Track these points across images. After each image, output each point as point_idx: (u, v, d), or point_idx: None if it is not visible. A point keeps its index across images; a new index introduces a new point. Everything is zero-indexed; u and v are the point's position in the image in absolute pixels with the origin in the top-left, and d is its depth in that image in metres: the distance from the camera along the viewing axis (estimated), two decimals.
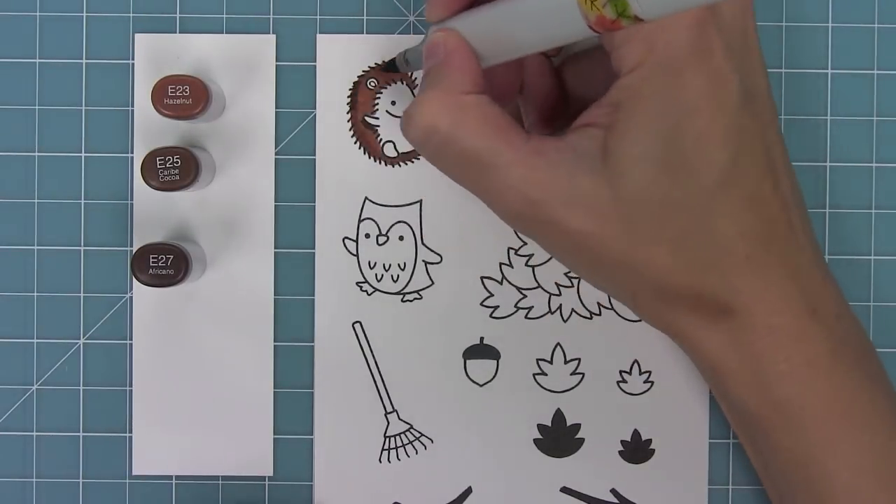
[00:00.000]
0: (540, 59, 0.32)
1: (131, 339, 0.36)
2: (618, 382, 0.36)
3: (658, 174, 0.27)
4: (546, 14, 0.26)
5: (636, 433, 0.36)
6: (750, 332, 0.29)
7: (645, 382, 0.36)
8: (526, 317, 0.36)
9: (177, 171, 0.33)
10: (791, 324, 0.29)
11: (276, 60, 0.36)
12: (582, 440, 0.36)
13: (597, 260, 0.28)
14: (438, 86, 0.28)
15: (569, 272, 0.36)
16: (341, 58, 0.36)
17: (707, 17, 0.27)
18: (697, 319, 0.29)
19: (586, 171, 0.27)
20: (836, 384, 0.29)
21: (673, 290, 0.28)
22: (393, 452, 0.36)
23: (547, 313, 0.36)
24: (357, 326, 0.36)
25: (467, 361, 0.36)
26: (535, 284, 0.36)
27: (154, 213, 0.36)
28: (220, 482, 0.36)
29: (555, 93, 0.32)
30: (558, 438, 0.36)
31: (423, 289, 0.36)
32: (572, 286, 0.36)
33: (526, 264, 0.36)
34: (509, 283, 0.36)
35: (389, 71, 0.34)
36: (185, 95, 0.33)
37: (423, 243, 0.36)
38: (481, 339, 0.36)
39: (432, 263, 0.36)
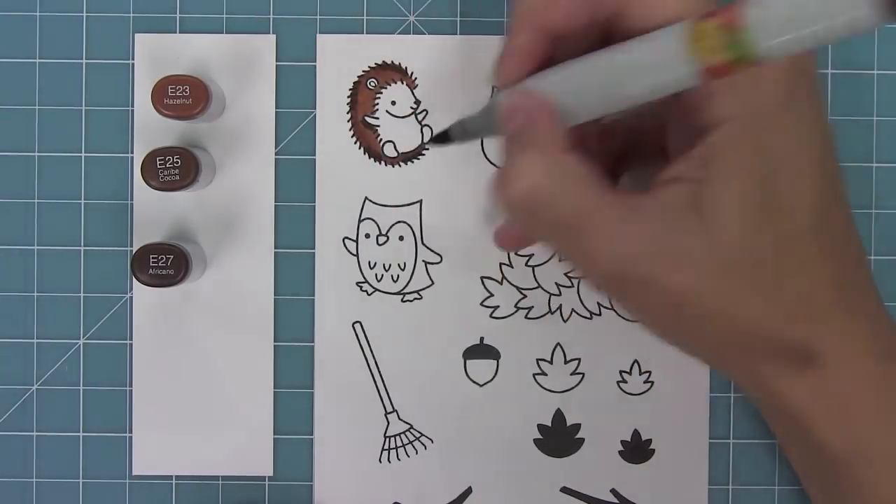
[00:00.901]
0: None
1: (131, 339, 0.36)
2: (618, 382, 0.36)
3: (753, 221, 0.26)
4: (647, 64, 0.26)
5: (636, 433, 0.36)
6: (835, 380, 0.28)
7: (645, 382, 0.36)
8: (526, 317, 0.36)
9: (177, 171, 0.33)
10: (874, 370, 0.29)
11: (276, 60, 0.36)
12: (582, 440, 0.36)
13: (689, 317, 0.28)
14: (533, 147, 0.27)
15: (569, 272, 0.36)
16: (341, 58, 0.36)
17: (793, 63, 0.26)
18: (783, 369, 0.29)
19: (683, 226, 0.27)
20: None
21: (762, 341, 0.28)
22: (393, 452, 0.36)
23: (547, 313, 0.36)
24: (357, 326, 0.36)
25: (467, 361, 0.36)
26: (535, 284, 0.36)
27: (154, 213, 0.36)
28: (220, 482, 0.36)
29: (616, 146, 0.32)
30: (558, 438, 0.36)
31: (423, 289, 0.36)
32: (572, 286, 0.36)
33: (526, 264, 0.36)
34: (509, 283, 0.36)
35: (440, 143, 0.32)
36: (185, 95, 0.33)
37: (423, 243, 0.36)
38: (481, 339, 0.36)
39: (432, 263, 0.36)
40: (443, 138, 0.31)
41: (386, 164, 0.36)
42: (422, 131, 0.36)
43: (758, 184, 0.26)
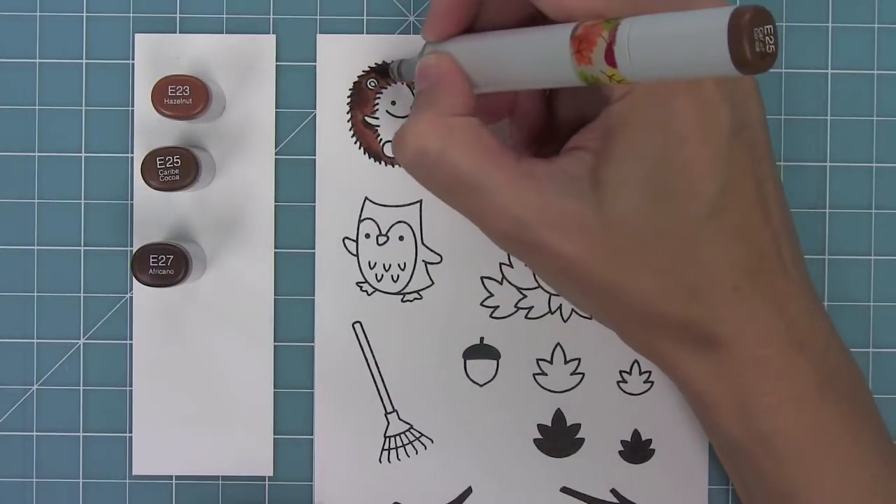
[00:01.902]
0: None
1: (131, 339, 0.36)
2: (618, 382, 0.36)
3: (645, 201, 0.26)
4: (539, 57, 0.26)
5: (636, 433, 0.36)
6: (735, 364, 0.29)
7: (645, 382, 0.36)
8: (526, 317, 0.36)
9: (177, 171, 0.33)
10: (777, 356, 0.29)
11: (276, 60, 0.36)
12: (582, 440, 0.36)
13: (583, 285, 0.28)
14: (430, 108, 0.28)
15: None
16: (341, 58, 0.36)
17: None
18: (683, 349, 0.29)
19: (575, 195, 0.27)
20: (822, 418, 0.29)
21: (658, 318, 0.28)
22: (393, 452, 0.36)
23: (547, 313, 0.36)
24: (357, 326, 0.36)
25: (467, 361, 0.36)
26: (535, 284, 0.36)
27: (154, 213, 0.36)
28: (220, 482, 0.36)
29: (543, 114, 0.32)
30: (558, 438, 0.36)
31: (423, 289, 0.36)
32: None
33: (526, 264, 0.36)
34: (509, 283, 0.36)
35: (380, 73, 0.35)
36: (185, 95, 0.33)
37: (423, 243, 0.36)
38: (481, 339, 0.36)
39: (432, 263, 0.36)
40: (383, 71, 0.35)
41: (386, 164, 0.36)
42: None
43: (652, 165, 0.26)
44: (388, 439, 0.36)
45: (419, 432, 0.36)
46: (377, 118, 0.36)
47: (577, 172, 0.27)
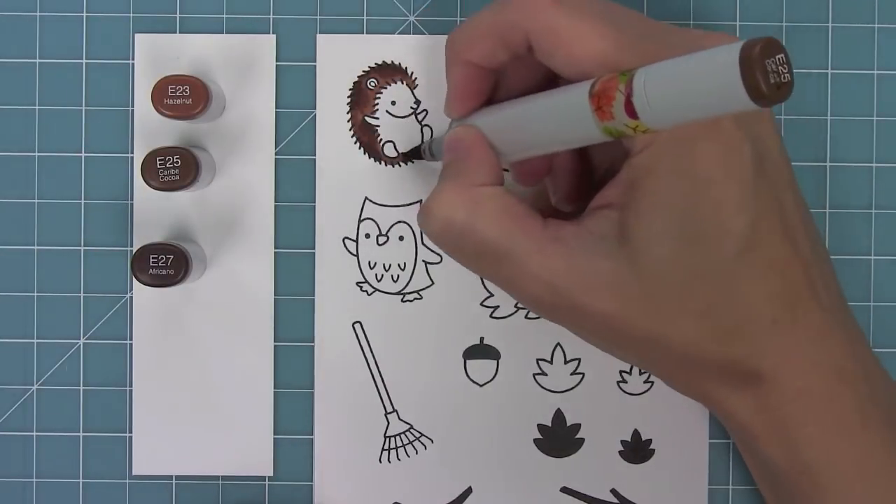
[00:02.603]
0: None
1: (131, 339, 0.36)
2: (618, 382, 0.36)
3: (677, 249, 0.27)
4: (561, 120, 0.26)
5: (636, 433, 0.36)
6: (778, 397, 0.29)
7: (645, 382, 0.36)
8: (526, 317, 0.36)
9: (177, 171, 0.33)
10: (818, 386, 0.29)
11: (276, 60, 0.36)
12: (582, 440, 0.36)
13: (623, 339, 0.28)
14: (455, 179, 0.28)
15: None
16: (341, 58, 0.36)
17: None
18: (726, 387, 0.29)
19: (604, 255, 0.27)
20: (865, 446, 0.29)
21: (700, 361, 0.28)
22: (393, 452, 0.36)
23: None
24: (357, 326, 0.36)
25: (467, 361, 0.36)
26: None
27: (154, 213, 0.36)
28: (220, 482, 0.36)
29: (581, 168, 0.32)
30: (558, 438, 0.36)
31: (423, 289, 0.36)
32: None
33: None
34: None
35: (411, 157, 0.35)
36: (185, 95, 0.33)
37: (423, 243, 0.36)
38: (481, 339, 0.36)
39: (432, 263, 0.36)
40: (413, 154, 0.35)
41: (386, 164, 0.36)
42: (422, 131, 0.36)
43: (679, 213, 0.26)
44: (388, 439, 0.36)
45: (419, 432, 0.36)
46: (377, 118, 0.36)
47: (605, 231, 0.27)
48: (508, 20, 0.28)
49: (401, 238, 0.36)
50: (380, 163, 0.36)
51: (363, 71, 0.36)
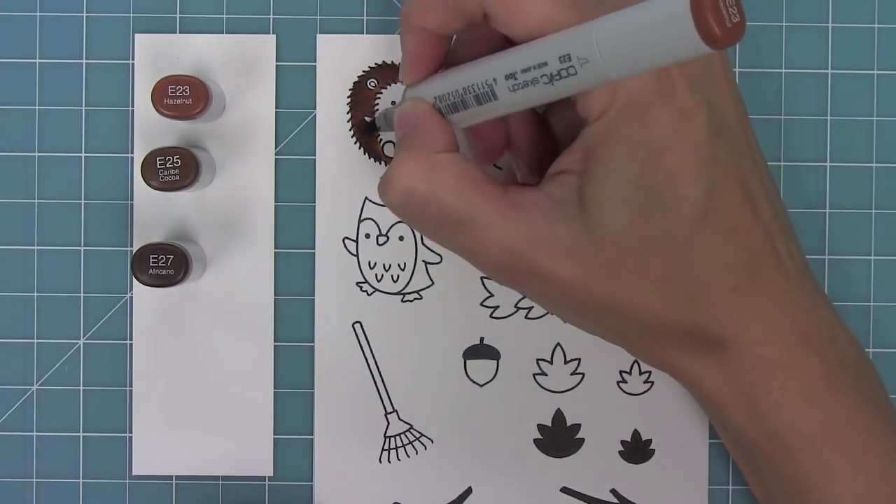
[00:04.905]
0: (521, 112, 0.32)
1: (131, 339, 0.36)
2: (618, 382, 0.36)
3: (634, 216, 0.27)
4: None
5: (636, 433, 0.36)
6: (742, 363, 0.29)
7: (645, 382, 0.36)
8: (526, 317, 0.36)
9: (177, 171, 0.33)
10: (783, 352, 0.29)
11: (276, 60, 0.36)
12: (582, 440, 0.36)
13: (584, 306, 0.28)
14: (412, 149, 0.28)
15: None
16: (341, 58, 0.36)
17: None
18: (689, 354, 0.29)
19: (564, 219, 0.27)
20: (832, 410, 0.29)
21: (662, 328, 0.28)
22: (393, 452, 0.36)
23: (547, 313, 0.36)
24: (357, 326, 0.36)
25: (467, 361, 0.36)
26: None
27: (154, 213, 0.36)
28: (220, 482, 0.36)
29: (542, 141, 0.32)
30: (558, 438, 0.36)
31: (423, 289, 0.36)
32: None
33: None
34: None
35: (370, 131, 0.35)
36: (185, 95, 0.33)
37: (423, 243, 0.36)
38: (481, 339, 0.36)
39: (432, 263, 0.36)
40: (371, 126, 0.35)
41: (386, 164, 0.36)
42: None
43: (635, 181, 0.26)
44: (388, 439, 0.36)
45: (419, 432, 0.36)
46: None
47: (564, 196, 0.27)
48: None
49: (401, 238, 0.36)
50: (380, 163, 0.36)
51: (363, 71, 0.36)
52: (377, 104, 0.36)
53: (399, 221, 0.36)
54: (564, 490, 0.36)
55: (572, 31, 0.24)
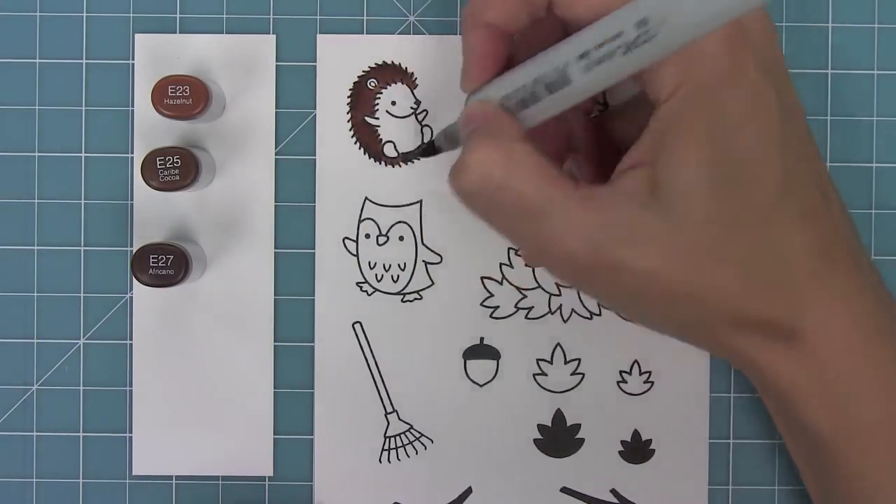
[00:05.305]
0: (580, 117, 0.32)
1: (131, 339, 0.36)
2: (618, 382, 0.36)
3: (710, 198, 0.26)
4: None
5: (636, 433, 0.36)
6: (821, 355, 0.28)
7: (645, 382, 0.36)
8: (526, 317, 0.36)
9: (177, 171, 0.33)
10: (862, 344, 0.28)
11: (276, 60, 0.36)
12: (582, 440, 0.36)
13: (661, 298, 0.27)
14: (487, 137, 0.28)
15: None
16: (341, 58, 0.36)
17: (737, 34, 0.26)
18: (766, 345, 0.28)
19: (640, 209, 0.26)
20: None
21: (742, 316, 0.28)
22: (393, 452, 0.36)
23: (547, 313, 0.36)
24: (357, 326, 0.36)
25: (467, 361, 0.36)
26: (535, 284, 0.36)
27: (154, 213, 0.36)
28: (220, 482, 0.36)
29: (603, 146, 0.32)
30: (558, 438, 0.36)
31: (423, 289, 0.36)
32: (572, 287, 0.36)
33: (526, 264, 0.36)
34: (509, 283, 0.36)
35: (427, 154, 0.33)
36: (185, 95, 0.33)
37: (423, 243, 0.36)
38: (481, 339, 0.36)
39: (432, 263, 0.36)
40: (430, 149, 0.32)
41: (386, 164, 0.36)
42: (422, 131, 0.36)
43: (711, 161, 0.26)
44: (388, 439, 0.36)
45: (419, 432, 0.36)
46: (377, 118, 0.36)
47: (637, 189, 0.27)
48: None
49: (401, 238, 0.36)
50: (380, 163, 0.36)
51: (363, 71, 0.36)
52: (377, 104, 0.36)
53: (399, 221, 0.36)
54: (564, 490, 0.36)
55: None
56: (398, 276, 0.36)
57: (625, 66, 0.25)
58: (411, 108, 0.36)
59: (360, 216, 0.36)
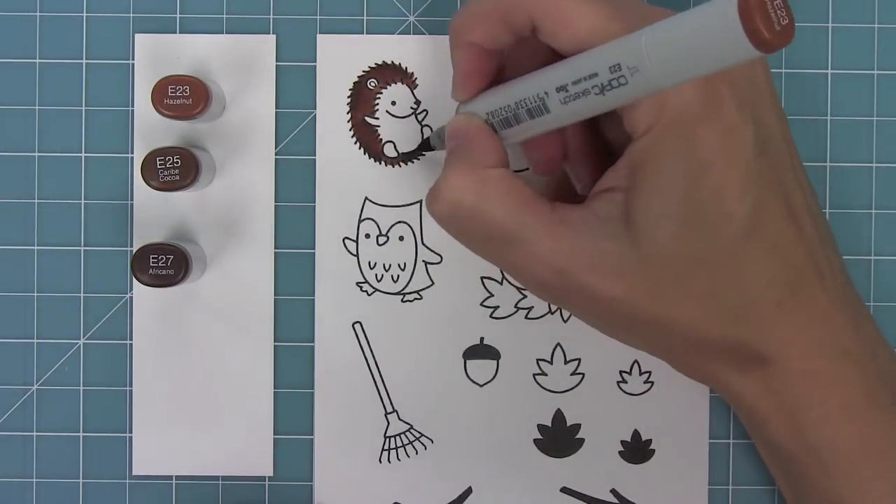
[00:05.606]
0: (577, 123, 0.32)
1: (131, 339, 0.36)
2: (618, 382, 0.36)
3: (679, 232, 0.27)
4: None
5: (636, 433, 0.36)
6: (783, 379, 0.29)
7: (645, 383, 0.36)
8: (526, 317, 0.36)
9: (177, 171, 0.33)
10: (824, 368, 0.29)
11: (276, 60, 0.36)
12: (582, 440, 0.36)
13: (629, 323, 0.28)
14: (461, 163, 0.29)
15: None
16: (341, 58, 0.36)
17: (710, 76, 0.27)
18: (732, 369, 0.29)
19: (610, 237, 0.27)
20: (872, 426, 0.29)
21: (706, 343, 0.28)
22: (393, 453, 0.36)
23: (547, 313, 0.36)
24: (357, 326, 0.36)
25: (467, 361, 0.36)
26: None
27: (154, 213, 0.36)
28: (220, 482, 0.36)
29: (600, 152, 0.32)
30: (558, 438, 0.36)
31: (423, 289, 0.36)
32: None
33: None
34: (509, 283, 0.36)
35: (424, 149, 0.35)
36: (185, 95, 0.33)
37: (423, 243, 0.36)
38: (481, 339, 0.36)
39: (432, 263, 0.36)
40: (424, 145, 0.35)
41: (386, 164, 0.36)
42: (422, 131, 0.36)
43: (681, 196, 0.26)
44: (388, 439, 0.36)
45: (419, 432, 0.36)
46: (377, 118, 0.36)
47: (610, 214, 0.27)
48: (511, 0, 0.28)
49: (401, 238, 0.36)
50: (380, 163, 0.36)
51: (363, 71, 0.36)
52: (377, 104, 0.36)
53: (399, 221, 0.36)
54: (564, 490, 0.36)
55: (621, 41, 0.24)
56: (398, 276, 0.36)
57: (600, 103, 0.25)
58: (411, 108, 0.36)
59: (360, 216, 0.36)
